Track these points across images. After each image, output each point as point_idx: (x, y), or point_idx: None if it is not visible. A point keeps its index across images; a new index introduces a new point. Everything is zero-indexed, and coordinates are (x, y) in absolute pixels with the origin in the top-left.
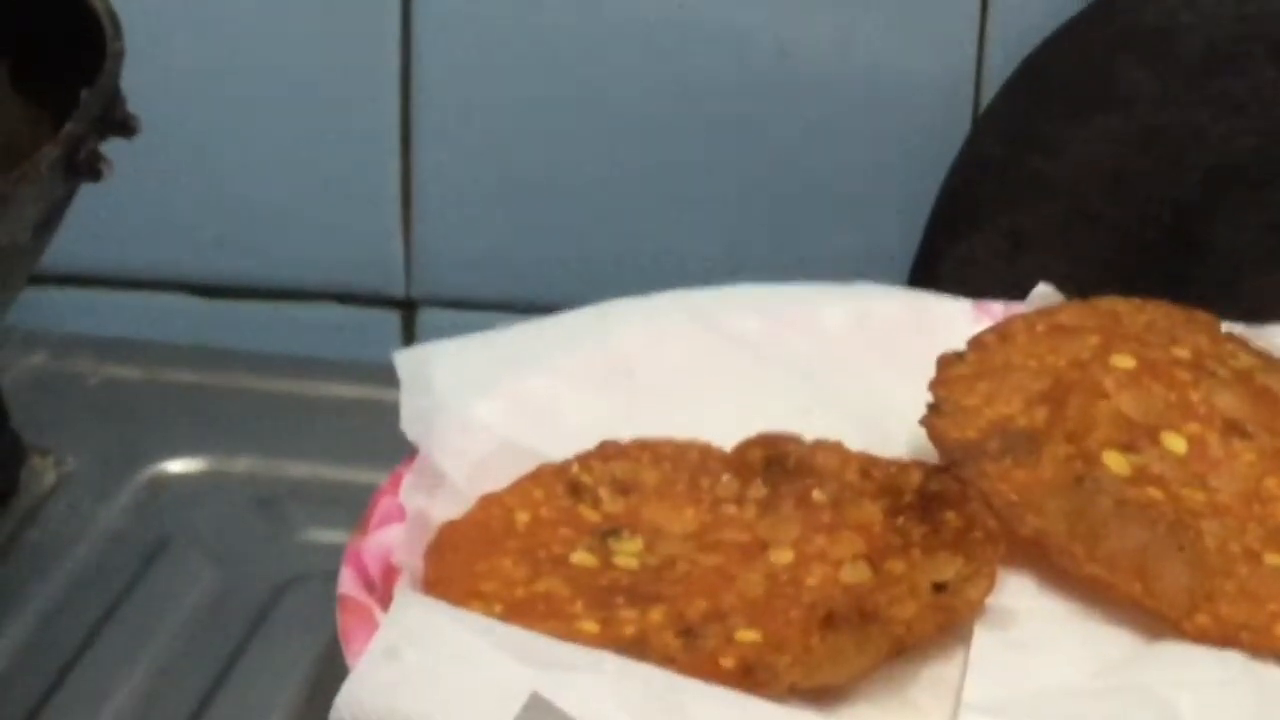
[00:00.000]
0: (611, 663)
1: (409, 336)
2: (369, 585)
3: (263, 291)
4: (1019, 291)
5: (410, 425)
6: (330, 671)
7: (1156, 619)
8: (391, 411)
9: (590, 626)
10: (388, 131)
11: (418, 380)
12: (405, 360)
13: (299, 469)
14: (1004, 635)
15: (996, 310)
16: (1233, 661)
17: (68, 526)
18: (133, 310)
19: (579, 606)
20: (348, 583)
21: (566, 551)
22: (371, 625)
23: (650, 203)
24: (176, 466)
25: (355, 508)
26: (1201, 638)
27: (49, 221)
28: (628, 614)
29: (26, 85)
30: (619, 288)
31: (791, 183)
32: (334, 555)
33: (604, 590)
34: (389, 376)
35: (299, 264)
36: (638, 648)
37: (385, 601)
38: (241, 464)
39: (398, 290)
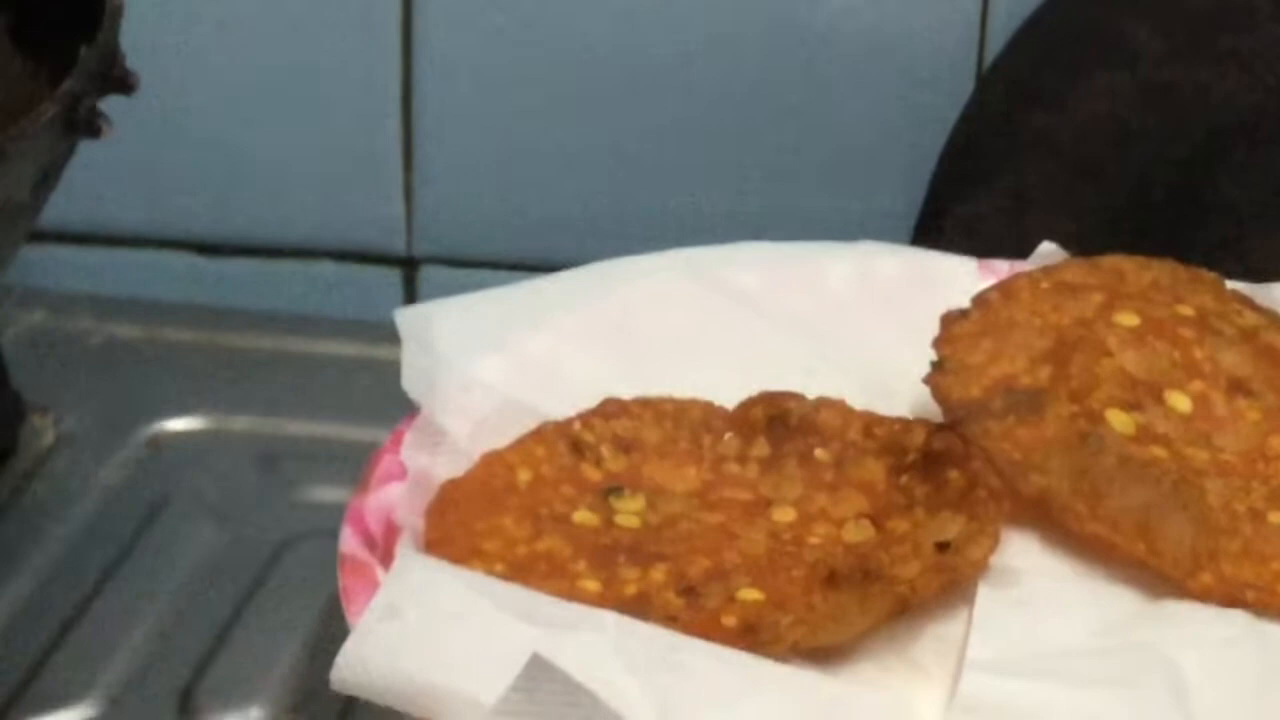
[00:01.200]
0: (613, 622)
1: (410, 294)
2: (370, 544)
3: (264, 249)
4: (1024, 249)
5: (411, 383)
6: (332, 630)
7: (1160, 578)
8: (393, 370)
9: (592, 585)
10: (389, 88)
11: (419, 338)
12: (406, 318)
13: (300, 427)
14: (1008, 594)
15: (1001, 268)
16: (1237, 620)
17: (68, 485)
18: (133, 268)
19: (581, 565)
20: (349, 541)
21: (568, 510)
22: (373, 584)
23: (652, 161)
24: (176, 425)
25: (356, 466)
26: (1206, 596)
27: (48, 179)
28: (629, 573)
29: (25, 41)
30: (621, 246)
31: (794, 140)
32: (335, 514)
33: (606, 549)
34: (390, 334)
35: (300, 222)
36: (640, 607)
37: (387, 560)
38: (242, 422)
39: (399, 248)
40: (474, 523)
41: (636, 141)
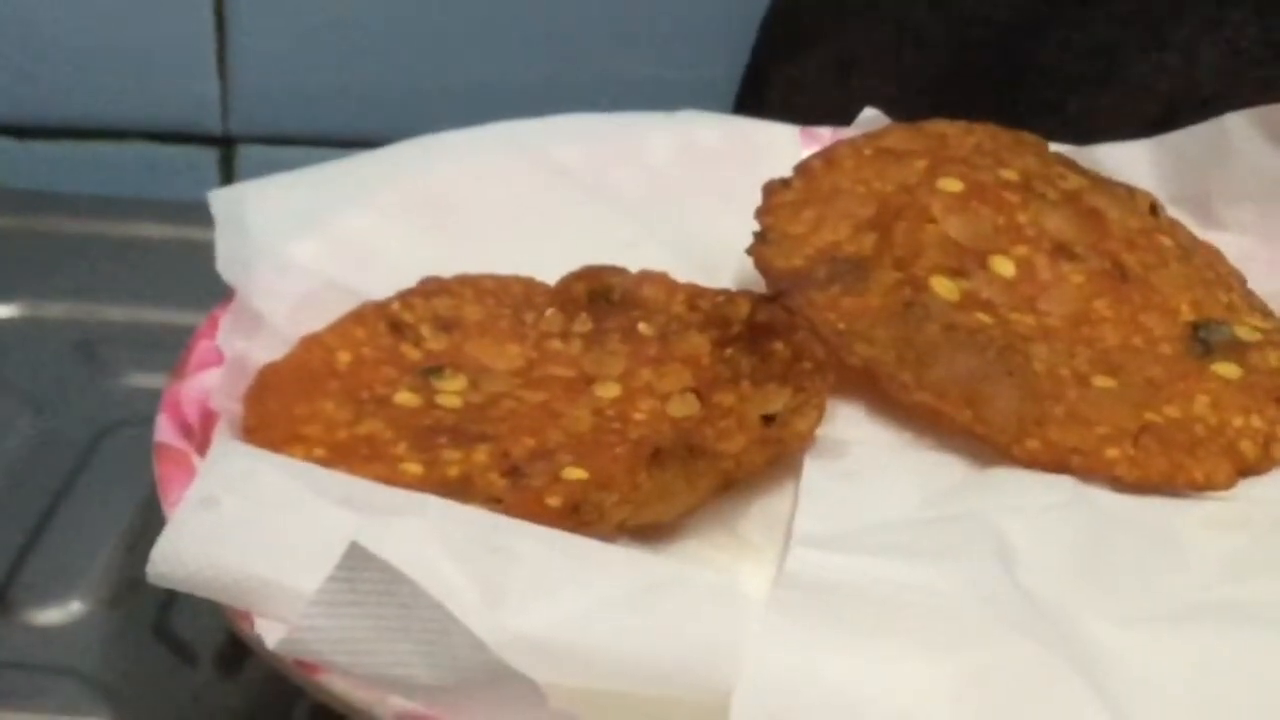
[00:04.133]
0: (435, 506)
1: (228, 174)
2: (187, 432)
3: (76, 131)
4: (847, 116)
5: (226, 266)
6: (151, 521)
7: (987, 445)
8: (212, 252)
9: (414, 468)
10: None
11: (233, 220)
12: (220, 199)
13: (116, 313)
14: (834, 466)
15: (824, 136)
16: (1063, 485)
17: None
18: None
19: (402, 448)
20: (164, 430)
21: (389, 392)
22: (189, 473)
23: (471, 32)
24: None
25: (176, 351)
26: (1032, 463)
27: None
28: (452, 454)
29: None
30: (440, 120)
31: (613, 9)
32: (155, 401)
33: (427, 430)
34: (208, 216)
35: (112, 101)
36: (462, 488)
37: (204, 448)
38: (57, 308)
39: (215, 127)
40: (293, 407)
41: (455, 13)
